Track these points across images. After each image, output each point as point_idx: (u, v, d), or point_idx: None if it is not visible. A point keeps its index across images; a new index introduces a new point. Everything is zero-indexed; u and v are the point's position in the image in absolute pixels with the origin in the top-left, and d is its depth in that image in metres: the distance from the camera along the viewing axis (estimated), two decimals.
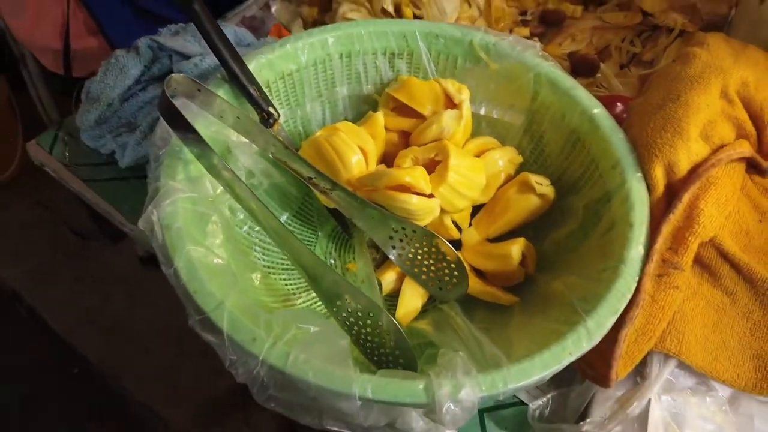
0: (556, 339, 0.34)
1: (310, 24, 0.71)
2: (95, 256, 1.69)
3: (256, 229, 0.49)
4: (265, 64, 0.50)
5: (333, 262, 0.53)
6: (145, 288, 1.60)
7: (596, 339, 0.35)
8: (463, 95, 0.50)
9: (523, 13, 0.72)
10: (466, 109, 0.50)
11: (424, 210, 0.45)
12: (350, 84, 0.55)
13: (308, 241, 0.54)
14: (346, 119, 0.56)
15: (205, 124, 0.45)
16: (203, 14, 0.46)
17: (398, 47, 0.54)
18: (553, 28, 0.69)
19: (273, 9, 0.73)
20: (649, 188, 0.43)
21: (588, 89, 0.65)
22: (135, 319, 1.54)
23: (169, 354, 1.45)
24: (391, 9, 0.65)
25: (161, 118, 0.43)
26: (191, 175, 0.43)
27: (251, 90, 0.48)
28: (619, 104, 0.58)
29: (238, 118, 0.46)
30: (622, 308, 0.36)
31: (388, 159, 0.53)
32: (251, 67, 0.49)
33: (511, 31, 0.68)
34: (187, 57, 0.57)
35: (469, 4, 0.70)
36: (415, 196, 0.45)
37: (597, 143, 0.47)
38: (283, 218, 0.53)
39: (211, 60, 0.55)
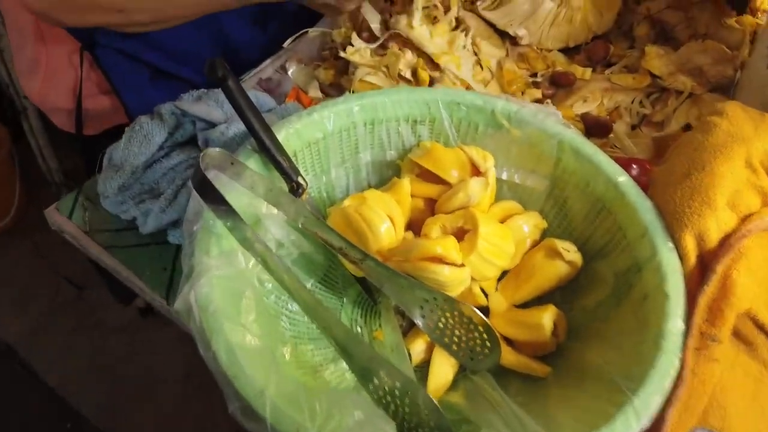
0: (604, 420, 0.34)
1: (326, 87, 0.72)
2: (92, 305, 1.67)
3: (283, 298, 0.49)
4: (293, 134, 0.51)
5: (359, 329, 0.53)
6: (144, 336, 1.58)
7: (645, 420, 0.34)
8: (489, 163, 0.51)
9: (534, 75, 0.73)
10: (492, 176, 0.51)
11: (455, 281, 0.45)
12: (373, 150, 0.56)
13: (334, 307, 0.54)
14: (369, 185, 0.57)
15: (236, 196, 0.45)
16: (236, 89, 0.46)
17: (421, 114, 0.55)
18: (563, 90, 0.71)
19: (290, 72, 0.74)
20: (681, 258, 0.43)
21: (602, 149, 0.66)
22: (134, 368, 1.51)
23: (169, 402, 1.42)
24: (408, 74, 0.66)
25: (194, 191, 0.43)
26: (224, 249, 0.43)
27: (281, 160, 0.48)
28: (634, 166, 0.59)
29: (270, 189, 0.46)
30: (668, 387, 0.36)
31: (413, 225, 0.53)
32: (280, 137, 0.49)
33: (523, 93, 0.70)
34: (211, 123, 0.58)
35: (482, 67, 0.71)
36: (447, 266, 0.45)
37: (624, 211, 0.48)
38: (309, 285, 0.53)
39: (236, 127, 0.55)
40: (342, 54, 0.67)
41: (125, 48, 0.81)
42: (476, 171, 0.52)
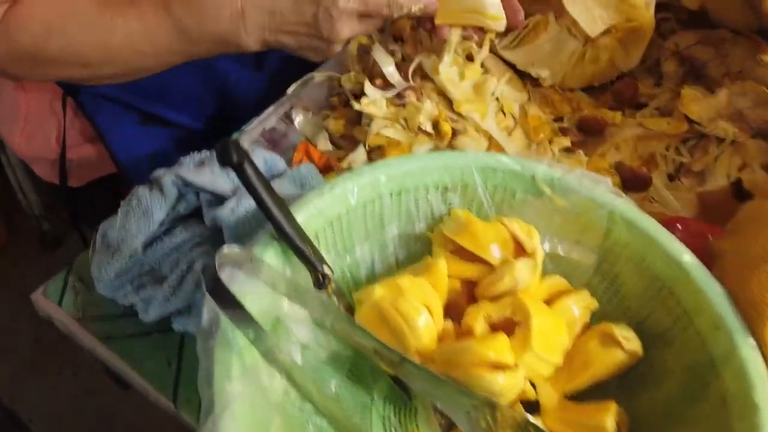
0: None
1: (337, 138, 0.66)
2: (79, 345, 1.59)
3: (307, 406, 0.43)
4: (315, 214, 0.45)
5: (394, 431, 0.47)
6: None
7: None
8: (535, 241, 0.46)
9: (559, 119, 0.68)
10: (540, 256, 0.46)
11: (509, 388, 0.40)
12: (400, 222, 0.50)
13: (363, 405, 0.48)
14: (397, 260, 0.51)
15: (255, 297, 0.40)
16: (253, 173, 0.40)
17: (452, 181, 0.49)
18: (593, 136, 0.66)
19: (296, 121, 0.69)
20: (764, 357, 0.38)
21: (639, 204, 0.61)
22: (125, 406, 1.44)
23: None
24: (428, 127, 0.61)
25: (208, 296, 0.37)
26: (246, 366, 0.37)
27: (304, 249, 0.42)
28: (679, 225, 0.54)
29: (292, 286, 0.40)
30: None
31: (450, 309, 0.47)
32: (301, 219, 0.44)
33: (551, 142, 0.64)
34: (216, 196, 0.52)
35: (504, 114, 0.66)
36: (501, 374, 0.39)
37: (689, 295, 0.43)
38: (334, 383, 0.47)
39: (248, 203, 0.49)
40: (356, 106, 0.61)
41: (111, 93, 0.74)
42: (519, 248, 0.47)
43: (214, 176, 0.53)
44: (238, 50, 0.60)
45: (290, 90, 0.71)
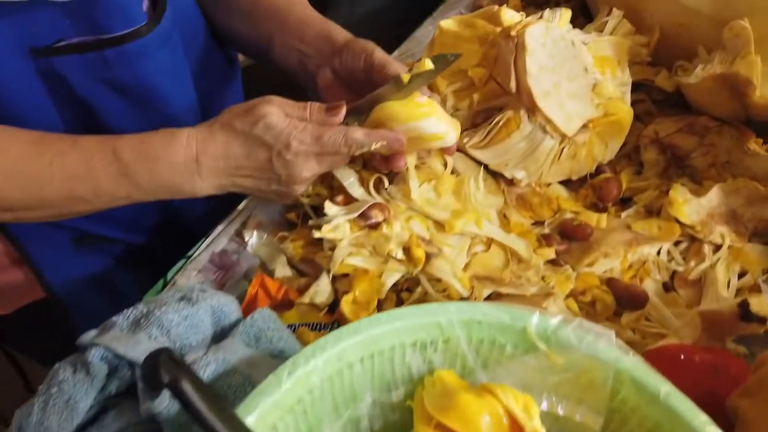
0: None
1: (297, 262, 0.59)
2: None
3: None
4: (271, 407, 0.38)
5: None
6: None
7: None
8: (535, 419, 0.39)
9: (539, 223, 0.63)
10: None
11: None
12: (374, 390, 0.43)
13: None
14: None
15: None
16: (193, 389, 0.33)
17: (431, 337, 0.43)
18: (578, 244, 0.60)
19: (249, 243, 0.61)
20: None
21: (635, 324, 0.55)
22: None
23: None
24: (399, 254, 0.54)
25: None
26: None
27: None
28: (682, 356, 0.49)
29: None
30: None
31: None
32: (253, 418, 0.36)
33: (534, 251, 0.58)
34: None
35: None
36: None
37: None
38: None
39: None
40: (316, 234, 0.54)
41: None
42: (515, 424, 0.40)
43: (151, 344, 0.45)
44: (191, 196, 0.55)
45: (242, 205, 0.63)
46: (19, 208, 0.53)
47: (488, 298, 0.55)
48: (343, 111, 0.54)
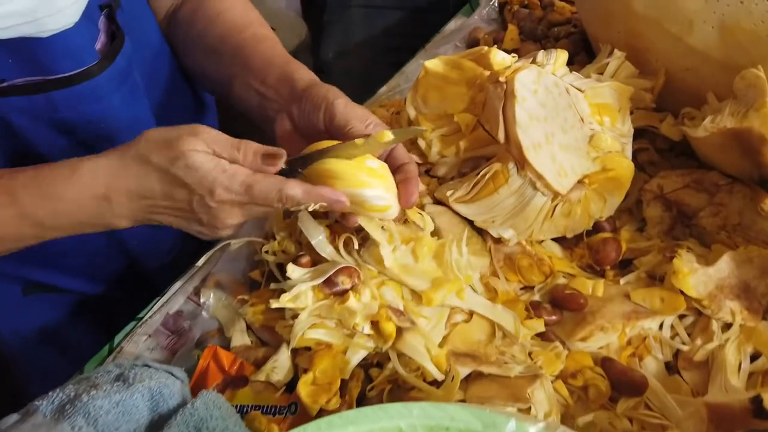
0: None
1: (257, 329, 0.53)
2: None
3: None
4: None
5: None
6: None
7: None
8: None
9: (528, 287, 0.57)
10: None
11: None
12: None
13: None
14: None
15: None
16: None
17: None
18: (571, 314, 0.54)
19: (205, 304, 0.55)
20: None
21: (633, 413, 0.49)
22: None
23: None
24: (366, 329, 0.48)
25: None
26: None
27: None
28: None
29: None
30: None
31: None
32: None
33: (522, 322, 0.52)
34: None
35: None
36: None
37: None
38: None
39: None
40: (273, 304, 0.49)
41: None
42: None
43: None
44: (109, 229, 0.49)
45: (201, 261, 0.58)
46: None
47: (468, 377, 0.49)
48: (282, 162, 0.47)
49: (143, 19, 0.63)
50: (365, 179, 0.47)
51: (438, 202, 0.60)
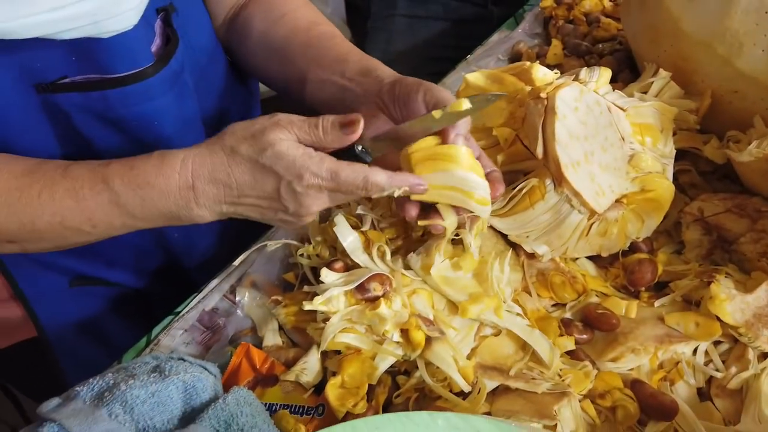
0: None
1: (289, 330, 0.54)
2: None
3: None
4: None
5: None
6: None
7: None
8: None
9: (559, 305, 0.56)
10: None
11: None
12: None
13: None
14: None
15: None
16: None
17: None
18: (602, 335, 0.53)
19: (240, 303, 0.57)
20: None
21: None
22: None
23: None
24: (396, 336, 0.49)
25: None
26: None
27: None
28: None
29: None
30: None
31: None
32: None
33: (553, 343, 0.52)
34: None
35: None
36: None
37: None
38: None
39: None
40: (306, 306, 0.50)
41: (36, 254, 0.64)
42: None
43: (110, 424, 0.41)
44: (191, 223, 0.50)
45: (238, 260, 0.59)
46: (20, 240, 0.51)
47: (494, 390, 0.49)
48: (361, 126, 0.47)
49: (197, 23, 0.65)
50: (468, 162, 0.47)
51: None
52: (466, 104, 0.48)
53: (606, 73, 0.61)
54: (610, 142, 0.56)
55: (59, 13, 0.48)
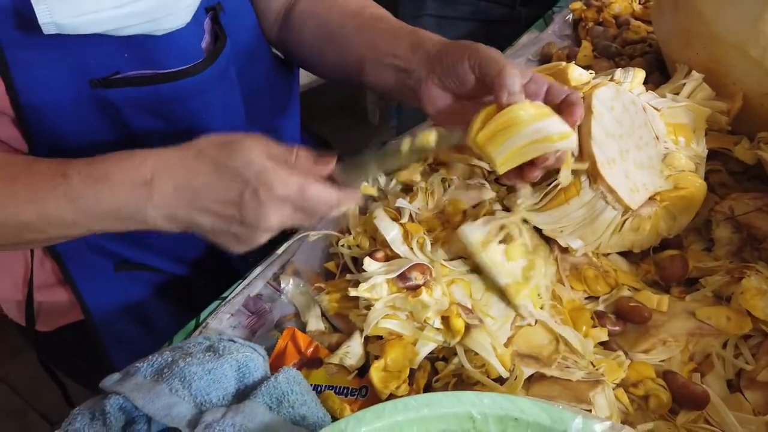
0: None
1: (330, 316, 0.57)
2: None
3: None
4: None
5: None
6: None
7: None
8: None
9: (592, 297, 0.58)
10: None
11: None
12: None
13: None
14: None
15: None
16: None
17: (460, 429, 0.39)
18: (634, 326, 0.55)
19: (284, 289, 0.59)
20: None
21: (693, 426, 0.50)
22: None
23: None
24: (437, 323, 0.51)
25: None
26: None
27: None
28: None
29: None
30: None
31: None
32: None
33: (585, 335, 0.54)
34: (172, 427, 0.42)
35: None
36: None
37: None
38: None
39: None
40: (352, 292, 0.52)
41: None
42: None
43: (170, 399, 0.43)
44: (143, 225, 0.50)
45: (281, 249, 0.62)
46: (33, 229, 0.51)
47: (530, 378, 0.51)
48: (333, 164, 0.49)
49: (243, 20, 0.68)
50: (542, 111, 0.49)
51: (506, 209, 0.63)
52: (432, 138, 0.49)
53: (640, 74, 0.63)
54: (644, 140, 0.58)
55: (120, 11, 0.51)
